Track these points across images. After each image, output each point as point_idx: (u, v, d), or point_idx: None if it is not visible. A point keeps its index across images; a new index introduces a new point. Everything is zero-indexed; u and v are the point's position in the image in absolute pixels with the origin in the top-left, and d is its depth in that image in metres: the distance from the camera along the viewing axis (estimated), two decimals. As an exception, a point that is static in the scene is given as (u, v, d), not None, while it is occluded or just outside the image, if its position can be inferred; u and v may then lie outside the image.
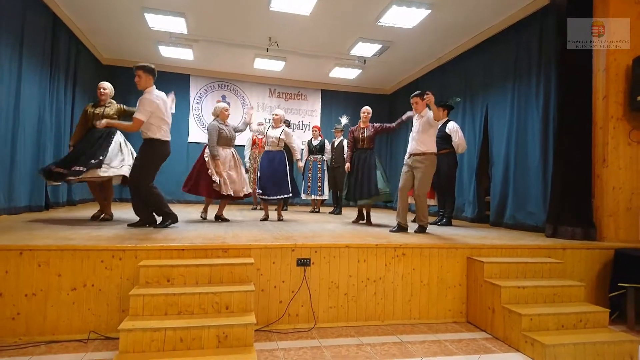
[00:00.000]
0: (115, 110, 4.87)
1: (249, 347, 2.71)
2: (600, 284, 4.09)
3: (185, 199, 9.18)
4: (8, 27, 5.01)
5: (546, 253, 4.03)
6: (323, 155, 7.76)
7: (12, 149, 5.16)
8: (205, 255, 3.30)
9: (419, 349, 3.08)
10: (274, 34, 7.23)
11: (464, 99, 7.22)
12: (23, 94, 5.36)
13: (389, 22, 6.42)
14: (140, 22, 6.75)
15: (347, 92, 10.35)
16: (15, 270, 2.95)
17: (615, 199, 4.44)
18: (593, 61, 4.60)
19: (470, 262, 3.82)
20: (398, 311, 3.68)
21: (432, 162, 4.72)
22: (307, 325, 3.45)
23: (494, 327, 3.45)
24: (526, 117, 5.71)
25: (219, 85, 9.79)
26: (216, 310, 2.92)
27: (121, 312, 3.07)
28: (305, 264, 3.49)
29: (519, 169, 5.75)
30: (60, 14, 6.28)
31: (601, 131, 4.51)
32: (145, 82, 4.27)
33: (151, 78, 4.30)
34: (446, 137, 5.80)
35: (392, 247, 3.69)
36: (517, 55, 5.97)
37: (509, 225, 5.81)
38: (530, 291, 3.45)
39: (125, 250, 3.13)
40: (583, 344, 2.99)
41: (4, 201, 4.98)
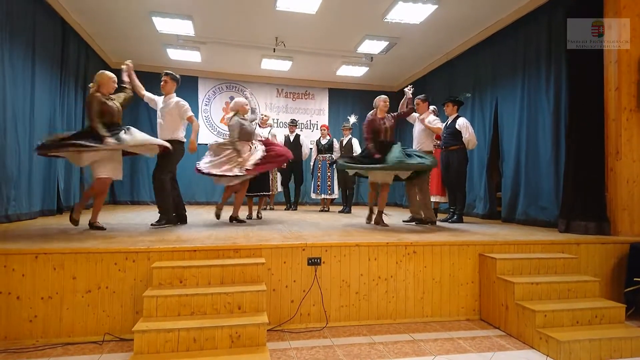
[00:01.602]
0: (122, 100, 4.46)
1: (262, 346, 2.73)
2: (616, 279, 4.03)
3: (195, 200, 9.27)
4: (21, 34, 5.10)
5: (560, 248, 3.98)
6: (332, 154, 7.75)
7: (28, 154, 5.24)
8: (217, 256, 3.32)
9: (432, 347, 3.07)
10: (280, 33, 7.24)
11: (473, 94, 7.16)
12: (36, 100, 5.46)
13: (395, 19, 6.38)
14: (148, 25, 6.81)
15: (354, 90, 10.32)
16: (32, 274, 3.01)
17: (630, 192, 4.36)
18: (604, 53, 4.53)
19: (482, 259, 3.79)
20: (410, 309, 3.67)
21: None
22: (319, 325, 3.46)
23: (507, 324, 3.42)
24: (537, 111, 5.63)
25: (227, 87, 9.83)
26: (229, 311, 2.93)
27: (135, 314, 3.10)
28: (316, 263, 3.49)
29: (530, 164, 5.69)
30: (69, 20, 6.37)
31: (614, 123, 4.44)
32: (170, 87, 4.79)
33: (175, 85, 4.84)
34: (456, 133, 5.75)
35: (403, 245, 3.68)
36: (525, 48, 5.90)
37: (521, 221, 5.75)
38: (544, 287, 3.41)
39: (138, 252, 3.17)
40: (599, 339, 2.95)
41: (22, 206, 5.07)
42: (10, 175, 4.82)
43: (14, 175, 4.92)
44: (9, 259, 2.98)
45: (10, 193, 4.82)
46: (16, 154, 4.98)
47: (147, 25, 6.81)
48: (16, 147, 4.98)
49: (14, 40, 4.94)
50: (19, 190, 5.02)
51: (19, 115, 5.06)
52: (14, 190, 4.89)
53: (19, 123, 5.05)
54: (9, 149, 4.82)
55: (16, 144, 4.98)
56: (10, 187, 4.82)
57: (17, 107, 5.02)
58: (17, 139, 5.01)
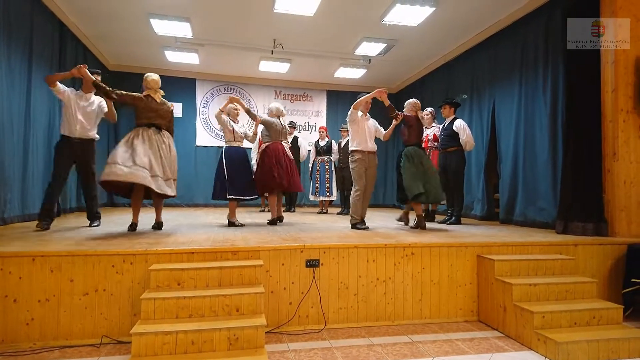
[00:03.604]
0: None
1: (260, 348, 2.72)
2: (613, 280, 4.03)
3: (194, 203, 9.26)
4: (18, 36, 5.08)
5: (557, 250, 3.99)
6: (330, 156, 7.76)
7: (25, 156, 5.23)
8: (215, 258, 3.32)
9: (430, 349, 3.07)
10: (278, 35, 7.24)
11: (470, 95, 7.18)
12: (34, 102, 5.44)
13: (393, 21, 6.40)
14: (146, 27, 6.81)
15: (352, 92, 10.29)
16: (29, 276, 2.99)
17: (627, 193, 4.38)
18: (601, 54, 4.55)
19: (480, 260, 3.79)
20: (408, 311, 3.67)
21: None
22: (317, 327, 3.45)
23: (505, 325, 3.43)
24: (534, 112, 5.65)
25: (225, 89, 9.83)
26: (227, 313, 2.93)
27: (133, 316, 3.09)
28: (314, 265, 3.49)
29: (528, 165, 5.70)
30: (66, 21, 6.35)
31: (611, 124, 4.45)
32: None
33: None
34: (454, 134, 5.77)
35: (401, 247, 3.68)
36: (523, 50, 5.92)
37: (519, 222, 5.76)
38: (542, 288, 3.41)
39: (136, 254, 3.16)
40: (597, 341, 2.95)
41: (18, 208, 5.05)
42: (7, 178, 4.80)
43: (11, 177, 4.89)
44: (5, 262, 2.97)
45: (7, 196, 4.80)
46: (13, 156, 4.95)
47: (145, 27, 6.80)
48: (13, 149, 4.96)
49: (12, 43, 4.93)
50: (15, 193, 5.00)
51: (16, 117, 5.04)
52: (10, 192, 4.86)
53: (16, 125, 5.03)
54: (6, 152, 4.80)
55: (13, 146, 4.96)
56: (7, 190, 4.80)
57: (14, 110, 5.00)
58: (14, 142, 4.99)
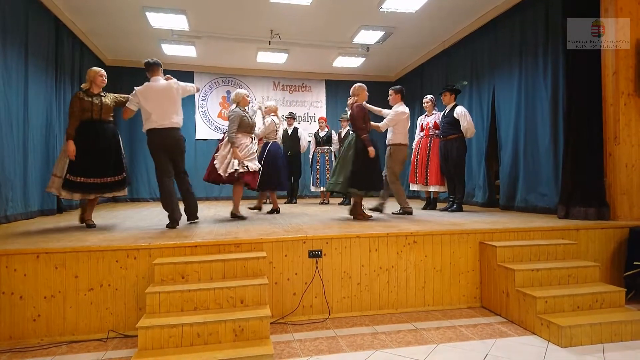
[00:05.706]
0: (112, 100, 4.43)
1: (265, 339, 2.75)
2: (615, 264, 4.05)
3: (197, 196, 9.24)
4: (13, 33, 5.04)
5: (559, 234, 4.00)
6: (330, 147, 7.74)
7: (24, 153, 5.23)
8: (218, 251, 3.33)
9: (434, 335, 3.09)
10: (275, 26, 7.18)
11: (470, 82, 7.13)
12: (31, 99, 5.42)
13: (390, 8, 6.33)
14: (142, 21, 6.75)
15: (351, 81, 10.18)
16: (34, 273, 3.02)
17: (629, 176, 4.37)
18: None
19: (482, 247, 3.80)
20: (412, 299, 3.69)
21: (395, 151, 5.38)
22: (321, 316, 3.48)
23: (508, 311, 3.45)
24: (534, 97, 5.61)
25: (223, 81, 9.78)
26: (231, 305, 2.95)
27: (138, 310, 3.12)
28: (317, 255, 3.51)
29: (529, 151, 5.68)
30: (62, 17, 6.30)
31: (612, 108, 4.43)
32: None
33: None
34: (454, 122, 5.74)
35: (403, 235, 3.69)
36: (522, 34, 5.86)
37: (520, 208, 5.75)
38: (544, 273, 3.42)
39: (140, 249, 3.17)
40: (600, 324, 2.97)
41: (20, 206, 5.07)
42: (7, 176, 4.81)
43: (12, 175, 4.90)
44: (10, 260, 2.99)
45: (9, 194, 4.82)
46: (13, 154, 4.96)
47: (140, 20, 6.74)
48: (12, 147, 4.96)
49: (6, 40, 4.89)
50: (17, 191, 5.01)
51: (14, 115, 5.03)
52: (12, 191, 4.88)
53: (14, 123, 5.02)
54: (6, 150, 4.80)
55: (12, 144, 4.96)
56: (9, 188, 4.81)
57: (12, 107, 4.98)
58: (13, 139, 4.98)
